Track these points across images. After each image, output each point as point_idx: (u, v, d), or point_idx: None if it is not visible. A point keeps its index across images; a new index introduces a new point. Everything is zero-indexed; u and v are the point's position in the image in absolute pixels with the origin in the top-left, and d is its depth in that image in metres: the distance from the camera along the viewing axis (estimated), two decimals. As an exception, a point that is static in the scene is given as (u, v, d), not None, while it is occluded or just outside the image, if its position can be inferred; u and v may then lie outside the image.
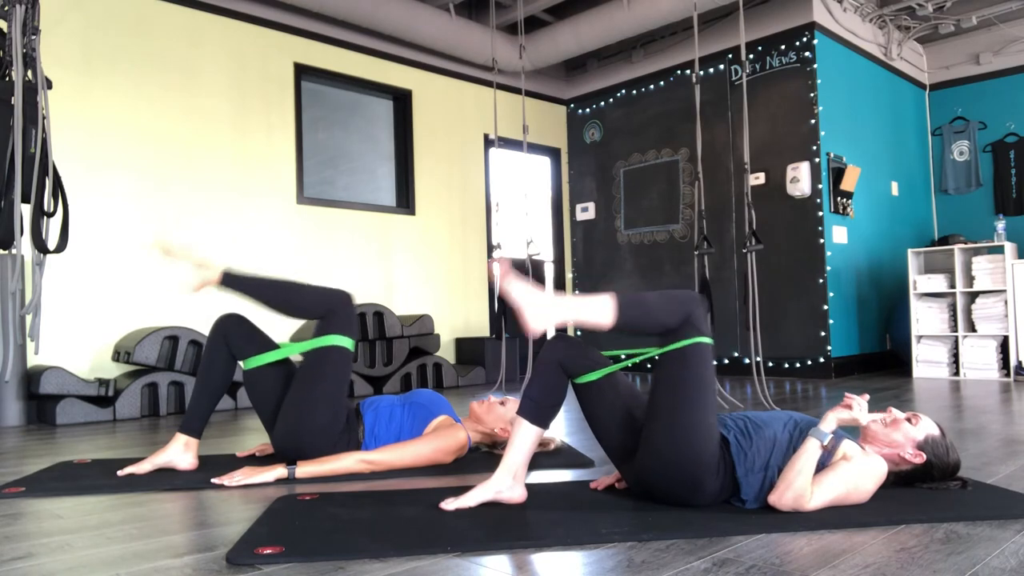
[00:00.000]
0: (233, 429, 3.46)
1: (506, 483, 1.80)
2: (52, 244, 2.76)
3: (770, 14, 5.71)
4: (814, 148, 5.43)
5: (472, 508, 1.77)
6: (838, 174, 5.47)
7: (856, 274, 5.72)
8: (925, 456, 1.84)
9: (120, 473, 2.28)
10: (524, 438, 1.82)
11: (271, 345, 2.37)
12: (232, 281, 2.28)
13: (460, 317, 6.17)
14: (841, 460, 1.75)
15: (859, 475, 1.73)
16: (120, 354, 4.20)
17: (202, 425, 2.38)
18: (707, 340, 1.78)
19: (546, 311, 1.73)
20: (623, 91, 6.71)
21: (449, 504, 1.78)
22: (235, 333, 2.35)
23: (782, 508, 1.68)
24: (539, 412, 1.82)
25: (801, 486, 1.67)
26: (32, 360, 4.05)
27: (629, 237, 6.62)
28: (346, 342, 2.32)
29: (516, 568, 1.41)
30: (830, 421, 1.75)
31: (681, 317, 1.76)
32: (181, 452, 2.34)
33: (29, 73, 2.68)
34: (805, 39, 5.51)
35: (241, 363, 2.35)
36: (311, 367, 2.29)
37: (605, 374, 1.85)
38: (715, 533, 1.57)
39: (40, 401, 3.88)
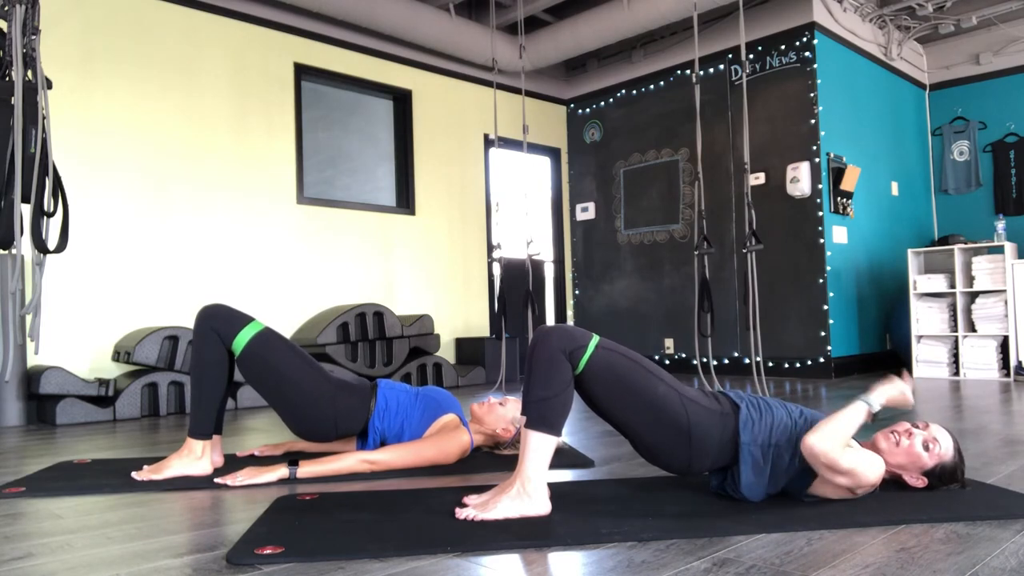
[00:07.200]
0: (233, 429, 3.46)
1: (534, 504, 1.71)
2: (52, 244, 2.76)
3: (770, 14, 5.71)
4: (814, 148, 5.42)
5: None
6: (838, 174, 5.47)
7: (856, 274, 5.72)
8: (928, 481, 1.84)
9: (138, 477, 2.21)
10: (539, 451, 1.71)
11: (251, 319, 2.35)
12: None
13: (460, 317, 6.17)
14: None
15: (866, 462, 1.72)
16: (120, 354, 4.20)
17: (211, 421, 2.30)
18: (593, 343, 1.75)
19: (530, 498, 1.70)
20: (623, 91, 6.71)
21: (468, 513, 1.69)
22: (218, 315, 2.30)
23: (814, 450, 1.64)
24: (550, 416, 1.71)
25: (841, 437, 1.66)
26: (32, 360, 4.06)
27: (629, 237, 6.62)
28: (250, 331, 2.28)
29: (516, 568, 1.41)
30: (879, 394, 1.75)
31: (560, 364, 1.72)
32: (195, 461, 2.26)
33: (29, 73, 2.67)
34: (805, 39, 5.51)
35: (232, 349, 2.29)
36: (260, 374, 2.28)
37: (597, 344, 1.76)
38: (715, 533, 1.57)
39: (40, 401, 3.89)
